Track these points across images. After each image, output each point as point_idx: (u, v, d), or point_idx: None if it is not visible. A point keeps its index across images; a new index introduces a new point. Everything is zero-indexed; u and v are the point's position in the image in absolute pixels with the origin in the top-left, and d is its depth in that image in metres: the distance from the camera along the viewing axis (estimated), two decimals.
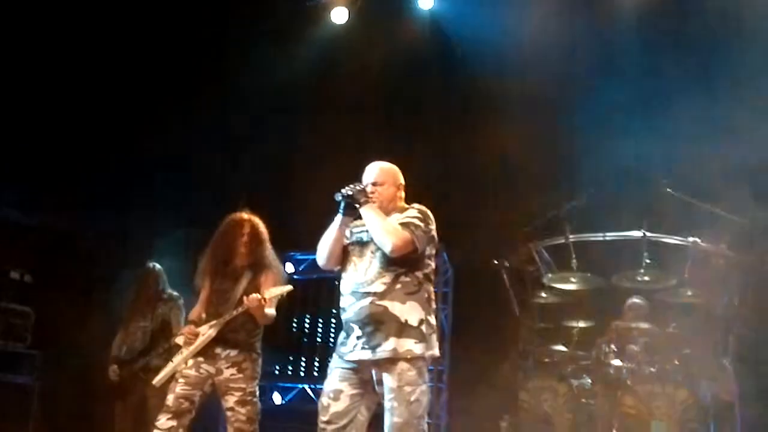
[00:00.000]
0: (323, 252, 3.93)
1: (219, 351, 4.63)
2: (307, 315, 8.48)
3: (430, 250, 3.88)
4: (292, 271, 8.16)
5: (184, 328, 4.72)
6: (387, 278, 3.73)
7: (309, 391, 8.09)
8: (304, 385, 8.21)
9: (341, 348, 3.81)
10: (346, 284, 3.85)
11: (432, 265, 3.90)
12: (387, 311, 3.67)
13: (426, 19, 7.96)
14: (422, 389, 3.66)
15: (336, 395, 3.74)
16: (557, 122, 7.38)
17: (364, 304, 3.71)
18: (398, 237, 3.69)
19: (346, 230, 3.92)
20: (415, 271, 3.79)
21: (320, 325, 8.39)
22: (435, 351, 3.77)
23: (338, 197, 3.81)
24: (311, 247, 4.06)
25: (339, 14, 7.94)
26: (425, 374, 3.72)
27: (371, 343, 3.67)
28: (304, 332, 8.47)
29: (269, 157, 8.03)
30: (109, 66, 7.40)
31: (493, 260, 7.11)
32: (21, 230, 7.00)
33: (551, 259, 6.92)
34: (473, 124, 7.76)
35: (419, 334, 3.68)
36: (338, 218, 3.87)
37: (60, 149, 7.10)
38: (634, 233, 6.44)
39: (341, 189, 3.81)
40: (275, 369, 8.20)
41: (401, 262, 3.74)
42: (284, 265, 6.02)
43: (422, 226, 3.78)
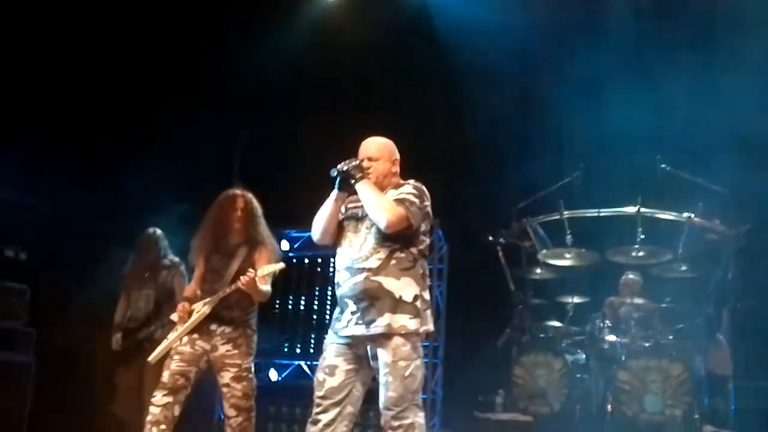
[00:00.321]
0: (318, 227, 3.92)
1: (214, 327, 4.64)
2: (303, 292, 8.49)
3: (425, 227, 3.87)
4: (288, 249, 8.15)
5: (178, 306, 4.72)
6: (382, 254, 3.72)
7: (305, 368, 8.12)
8: (300, 362, 8.24)
9: (336, 323, 3.81)
10: (341, 260, 3.84)
11: (427, 241, 3.90)
12: (382, 287, 3.67)
13: None
14: (417, 364, 3.66)
15: (331, 370, 3.75)
16: (549, 95, 7.39)
17: (359, 280, 3.71)
18: (393, 213, 3.68)
19: (342, 206, 3.91)
20: (410, 247, 3.78)
21: (316, 303, 8.41)
22: (429, 326, 3.77)
23: (333, 173, 3.79)
24: (307, 225, 4.05)
25: None
26: (420, 349, 3.72)
27: (366, 319, 3.67)
28: (300, 309, 8.49)
29: (265, 135, 8.01)
30: (105, 43, 7.35)
31: (488, 236, 7.12)
32: (15, 208, 6.96)
33: (546, 235, 6.93)
34: (466, 98, 7.74)
35: (414, 310, 3.68)
36: (334, 194, 3.85)
37: (54, 126, 7.05)
38: (629, 209, 6.45)
39: (337, 164, 3.80)
40: (271, 346, 8.21)
41: (396, 238, 3.74)
42: (280, 243, 6.02)
43: (417, 203, 3.77)
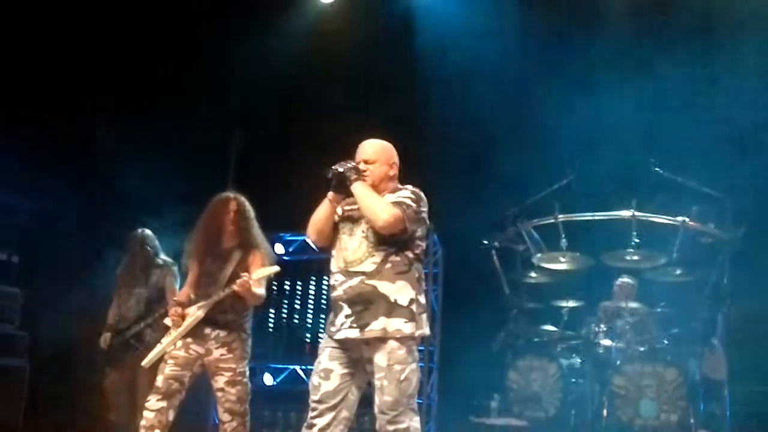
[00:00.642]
0: (313, 229, 3.89)
1: (208, 331, 4.62)
2: (297, 296, 8.46)
3: (421, 231, 3.85)
4: (282, 252, 8.12)
5: (171, 310, 4.69)
6: (377, 257, 3.70)
7: (300, 372, 8.09)
8: (295, 366, 8.20)
9: (330, 327, 3.79)
10: (336, 262, 3.82)
11: (422, 246, 3.87)
12: (377, 290, 3.65)
13: None
14: (412, 368, 3.64)
15: (326, 374, 3.72)
16: (544, 98, 7.39)
17: (354, 283, 3.69)
18: (389, 213, 3.65)
19: (337, 208, 3.89)
20: (406, 251, 3.76)
21: (311, 306, 8.38)
22: (425, 330, 3.75)
23: (329, 174, 3.77)
24: (301, 228, 4.03)
25: None
26: (415, 353, 3.70)
27: (360, 322, 3.65)
28: (295, 313, 8.46)
29: (259, 138, 7.99)
30: (99, 45, 7.32)
31: (483, 240, 7.11)
32: (7, 211, 6.93)
33: (540, 239, 6.92)
34: (461, 102, 7.74)
35: (409, 314, 3.66)
36: (329, 195, 3.84)
37: (46, 129, 7.02)
38: (624, 212, 6.45)
39: (333, 166, 3.78)
40: (266, 350, 8.19)
41: (391, 242, 3.72)
42: (274, 246, 5.99)
43: (414, 207, 3.75)
